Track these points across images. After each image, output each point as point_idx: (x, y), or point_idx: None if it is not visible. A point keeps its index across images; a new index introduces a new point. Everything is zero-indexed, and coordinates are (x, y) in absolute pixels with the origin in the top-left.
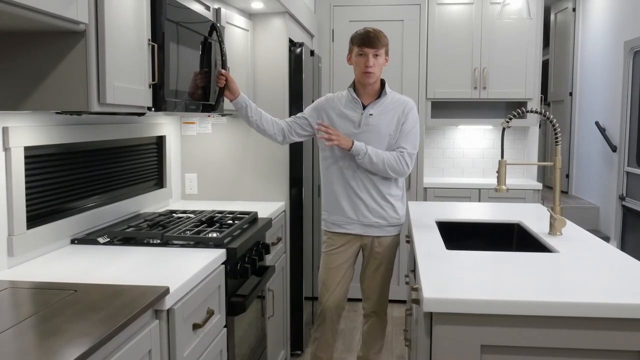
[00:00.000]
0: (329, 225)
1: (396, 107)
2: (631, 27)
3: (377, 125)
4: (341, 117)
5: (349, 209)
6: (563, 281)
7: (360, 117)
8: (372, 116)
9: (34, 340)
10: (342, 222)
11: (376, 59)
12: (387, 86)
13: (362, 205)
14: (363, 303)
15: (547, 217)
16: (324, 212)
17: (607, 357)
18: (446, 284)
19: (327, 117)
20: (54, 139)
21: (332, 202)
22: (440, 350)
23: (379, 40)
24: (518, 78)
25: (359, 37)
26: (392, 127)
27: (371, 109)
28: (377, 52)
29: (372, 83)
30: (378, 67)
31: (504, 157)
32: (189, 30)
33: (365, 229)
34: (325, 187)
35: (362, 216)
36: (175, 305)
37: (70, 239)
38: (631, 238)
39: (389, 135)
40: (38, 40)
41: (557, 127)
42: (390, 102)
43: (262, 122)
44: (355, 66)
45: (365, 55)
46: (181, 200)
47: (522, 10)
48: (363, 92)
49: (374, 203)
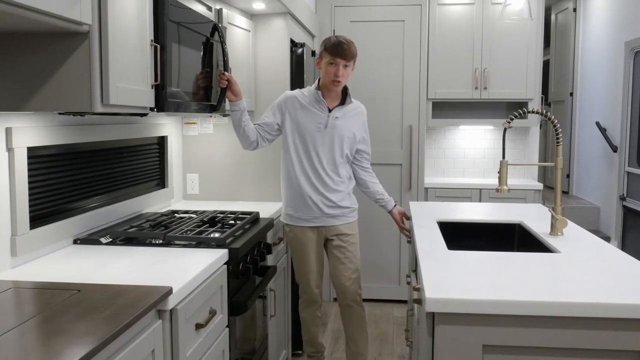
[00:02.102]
0: (296, 220)
1: (356, 113)
2: (632, 27)
3: (341, 128)
4: (307, 114)
5: (312, 204)
6: (564, 281)
7: (327, 119)
8: (337, 119)
9: (37, 340)
10: (309, 217)
11: (345, 69)
12: (349, 93)
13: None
14: (338, 297)
15: (548, 217)
16: (288, 207)
17: (608, 357)
18: (448, 284)
19: (291, 114)
20: (57, 139)
21: (297, 197)
22: (442, 350)
23: (351, 53)
24: (519, 78)
25: (333, 48)
26: (354, 132)
27: (337, 112)
28: (347, 63)
29: (338, 90)
30: (346, 77)
31: (505, 157)
32: (191, 31)
33: (328, 220)
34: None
35: (325, 209)
36: (178, 305)
37: (72, 239)
38: (632, 238)
39: (349, 137)
40: (41, 41)
41: (558, 127)
42: (351, 109)
43: (248, 129)
44: (324, 73)
45: (336, 65)
46: (183, 201)
47: (523, 11)
48: (327, 96)
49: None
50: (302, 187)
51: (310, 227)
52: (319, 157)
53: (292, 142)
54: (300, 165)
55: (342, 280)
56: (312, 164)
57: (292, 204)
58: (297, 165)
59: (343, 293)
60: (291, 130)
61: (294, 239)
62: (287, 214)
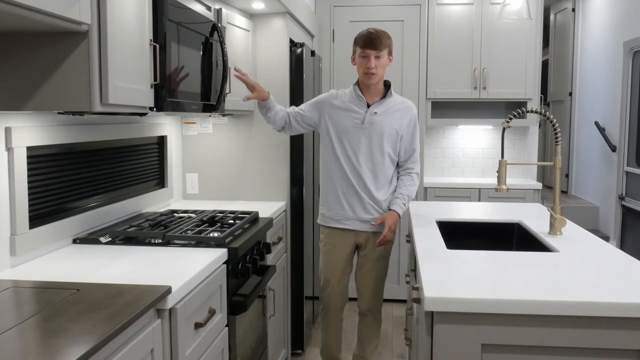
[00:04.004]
0: (327, 220)
1: (402, 109)
2: (631, 27)
3: (381, 124)
4: (346, 111)
5: (347, 205)
6: (563, 280)
7: (365, 115)
8: (377, 115)
9: (36, 339)
10: (339, 217)
11: (378, 60)
12: (391, 88)
13: (358, 202)
14: (358, 301)
15: (547, 217)
16: (322, 207)
17: (607, 355)
18: (447, 283)
19: (328, 111)
20: (56, 139)
21: (332, 197)
22: (441, 349)
23: (381, 42)
24: (518, 78)
25: (362, 39)
26: (396, 128)
27: (376, 107)
28: (379, 53)
29: (374, 83)
30: (380, 68)
31: (504, 157)
32: (190, 31)
33: (361, 225)
34: (324, 181)
35: (360, 212)
36: (177, 305)
37: (72, 238)
38: (631, 238)
39: (391, 135)
40: (41, 40)
41: (557, 127)
42: (394, 104)
43: (276, 118)
44: (358, 67)
45: (367, 57)
46: (182, 200)
47: (522, 11)
48: (366, 92)
49: (371, 200)
50: (336, 186)
51: (341, 229)
52: (356, 156)
53: (328, 140)
54: (337, 164)
55: (361, 288)
56: (349, 162)
57: (326, 203)
58: (334, 163)
59: (361, 299)
60: (327, 129)
61: (323, 239)
62: (321, 212)
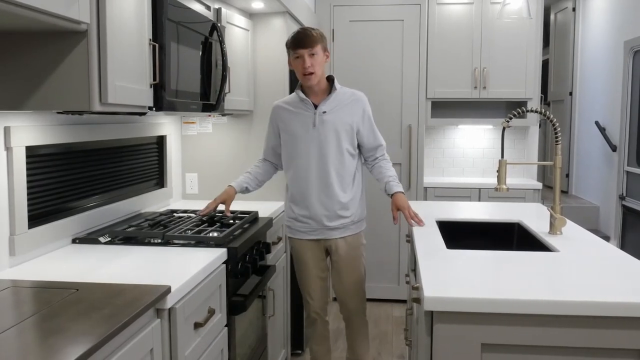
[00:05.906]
0: (294, 232)
1: (352, 102)
2: (631, 26)
3: (333, 122)
4: (295, 118)
5: (312, 215)
6: (563, 280)
7: (314, 117)
8: (326, 114)
9: (35, 339)
10: (306, 229)
11: (313, 58)
12: (336, 81)
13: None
14: (340, 308)
15: (547, 217)
16: (288, 220)
17: (607, 355)
18: (447, 283)
19: (280, 124)
20: (56, 138)
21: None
22: (441, 349)
23: (311, 39)
24: (518, 78)
25: (292, 40)
26: (350, 123)
27: (323, 106)
28: (312, 50)
29: (315, 83)
30: (318, 66)
31: (504, 156)
32: (190, 30)
33: (329, 233)
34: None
35: (325, 221)
36: (177, 305)
37: (71, 238)
38: (631, 237)
39: (346, 131)
40: (40, 40)
41: (557, 126)
42: (343, 99)
43: (264, 178)
44: (295, 70)
45: (301, 57)
46: (182, 200)
47: (522, 10)
48: (310, 93)
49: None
50: (298, 195)
51: (308, 240)
52: (314, 160)
53: (285, 151)
54: (295, 172)
55: (341, 295)
56: (308, 168)
57: (292, 214)
58: (293, 172)
59: (343, 306)
60: (284, 140)
61: (292, 252)
62: (287, 225)
